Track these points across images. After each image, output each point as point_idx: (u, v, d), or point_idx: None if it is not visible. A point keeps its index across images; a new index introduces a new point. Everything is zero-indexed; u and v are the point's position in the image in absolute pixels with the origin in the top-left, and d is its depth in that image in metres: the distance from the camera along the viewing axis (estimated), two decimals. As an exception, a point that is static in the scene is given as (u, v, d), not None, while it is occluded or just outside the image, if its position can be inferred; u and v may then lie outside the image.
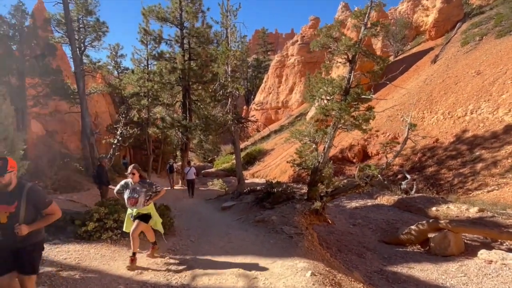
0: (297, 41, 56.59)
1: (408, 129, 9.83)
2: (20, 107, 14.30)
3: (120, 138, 22.42)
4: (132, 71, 26.77)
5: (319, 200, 8.75)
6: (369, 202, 14.59)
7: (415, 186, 14.67)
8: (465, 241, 9.02)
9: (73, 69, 22.06)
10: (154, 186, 5.94)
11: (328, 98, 8.82)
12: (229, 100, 16.24)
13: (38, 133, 25.53)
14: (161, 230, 6.55)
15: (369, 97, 8.31)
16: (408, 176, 10.86)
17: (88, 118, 14.95)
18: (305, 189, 20.89)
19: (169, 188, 20.68)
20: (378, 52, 32.47)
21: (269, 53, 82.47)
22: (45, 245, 7.04)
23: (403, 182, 11.28)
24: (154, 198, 5.98)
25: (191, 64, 19.80)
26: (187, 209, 12.88)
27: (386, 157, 9.33)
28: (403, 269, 7.88)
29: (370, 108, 8.64)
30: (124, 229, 6.20)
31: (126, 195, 5.76)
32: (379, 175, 8.94)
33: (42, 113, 15.89)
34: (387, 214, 12.42)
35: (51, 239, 7.55)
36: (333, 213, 12.47)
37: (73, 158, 16.50)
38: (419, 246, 9.26)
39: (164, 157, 32.02)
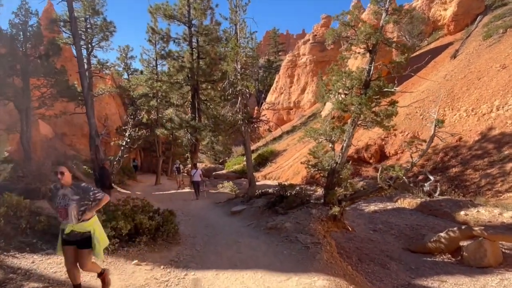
0: (308, 40, 55.58)
1: (435, 125, 8.91)
2: (24, 108, 13.89)
3: (128, 140, 22.00)
4: (141, 72, 26.41)
5: (337, 205, 7.93)
6: (389, 206, 13.64)
7: (438, 188, 13.65)
8: (503, 250, 8.06)
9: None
10: (91, 192, 4.11)
11: (346, 92, 8.01)
12: (239, 99, 15.52)
13: (48, 136, 25.38)
14: (100, 256, 4.30)
15: (392, 90, 7.47)
16: (431, 177, 9.88)
17: (93, 119, 14.43)
18: (319, 191, 20.01)
19: (177, 188, 20.62)
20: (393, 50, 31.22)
21: (280, 53, 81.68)
22: (37, 256, 6.50)
23: (425, 184, 10.32)
24: (93, 208, 4.15)
25: (200, 62, 19.19)
26: (195, 213, 12.19)
27: (411, 157, 8.43)
28: (434, 282, 6.99)
29: (393, 103, 7.77)
30: (57, 252, 4.49)
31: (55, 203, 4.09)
32: (403, 177, 8.07)
33: (47, 114, 15.43)
34: (410, 218, 11.47)
35: (46, 248, 6.96)
36: (350, 218, 11.59)
37: (80, 159, 16.06)
38: (450, 256, 8.34)
39: (174, 159, 31.51)
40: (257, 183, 22.40)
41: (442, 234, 8.33)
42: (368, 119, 8.19)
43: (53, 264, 5.88)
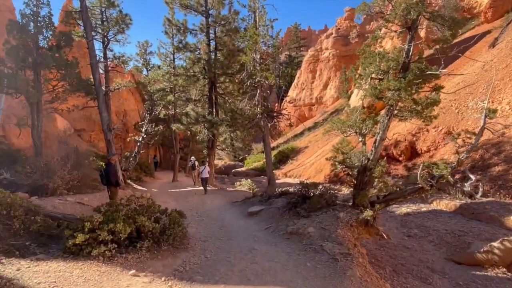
0: (331, 34, 53.83)
1: (485, 116, 7.62)
2: (35, 102, 13.41)
3: (145, 136, 21.42)
4: (158, 67, 25.87)
5: (369, 208, 6.79)
6: (423, 207, 12.30)
7: (481, 189, 12.20)
8: None
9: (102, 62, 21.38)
10: None
11: (380, 77, 6.84)
12: (258, 91, 14.52)
13: (66, 131, 25.27)
14: None
15: (436, 72, 6.25)
16: (471, 176, 8.52)
17: (105, 113, 13.78)
18: (345, 190, 18.77)
19: (193, 184, 20.41)
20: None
21: (301, 49, 79.97)
22: (25, 262, 5.73)
23: (466, 184, 9.02)
24: None
25: (217, 54, 18.29)
26: (209, 213, 11.31)
27: (458, 152, 7.17)
28: (490, 304, 5.77)
29: (437, 88, 6.54)
30: None
31: None
32: (449, 176, 6.83)
33: (60, 108, 14.97)
34: (450, 223, 10.12)
35: (39, 251, 6.23)
36: (380, 221, 10.35)
37: (92, 155, 15.57)
38: (505, 270, 7.02)
39: (193, 156, 30.92)
40: (277, 181, 21.37)
41: (496, 244, 7.04)
42: (406, 108, 6.99)
43: (39, 273, 5.09)
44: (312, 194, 8.24)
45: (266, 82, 14.41)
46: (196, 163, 20.43)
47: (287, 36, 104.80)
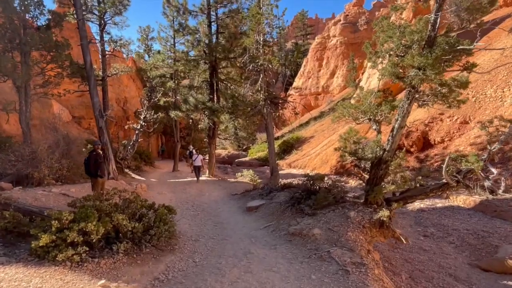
0: (339, 20, 52.18)
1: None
2: (23, 86, 12.52)
3: (144, 123, 20.56)
4: (158, 52, 24.84)
5: (384, 206, 5.83)
6: (439, 203, 11.31)
7: (503, 183, 11.18)
8: None
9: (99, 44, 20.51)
10: None
11: (400, 54, 5.79)
12: (261, 76, 13.47)
13: (64, 119, 24.45)
14: None
15: (470, 47, 5.21)
16: (493, 170, 7.51)
17: (97, 98, 12.89)
18: (352, 183, 17.80)
19: (191, 173, 19.79)
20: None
21: (308, 37, 78.07)
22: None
23: (487, 178, 8.05)
24: None
25: (219, 38, 17.20)
26: (205, 207, 10.44)
27: (489, 144, 6.15)
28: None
29: (470, 66, 5.49)
30: None
31: None
32: (479, 170, 5.84)
33: (51, 93, 14.06)
34: (470, 221, 9.14)
35: (2, 253, 5.40)
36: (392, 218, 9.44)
37: (84, 142, 14.72)
38: (542, 280, 6.06)
39: (195, 145, 30.04)
40: (281, 172, 20.46)
41: (531, 250, 6.06)
42: (429, 91, 5.96)
43: (-9, 282, 4.23)
44: (318, 188, 7.30)
45: (270, 66, 13.34)
46: (194, 151, 19.95)
47: (293, 25, 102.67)
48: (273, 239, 6.26)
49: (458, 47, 5.29)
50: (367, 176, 7.15)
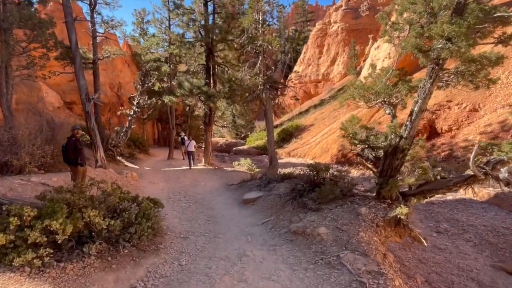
0: (341, 6, 50.76)
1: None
2: (3, 66, 11.58)
3: (137, 109, 19.63)
4: (153, 35, 23.76)
5: (401, 201, 5.05)
6: (449, 195, 10.54)
7: (520, 175, 10.42)
8: None
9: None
10: None
11: (423, 24, 4.91)
12: (260, 58, 12.54)
13: (55, 104, 23.51)
14: None
15: (510, 14, 4.36)
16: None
17: (83, 81, 11.97)
18: (354, 172, 17.05)
19: (182, 160, 20.46)
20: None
21: (308, 23, 76.37)
22: None
23: (502, 170, 7.27)
24: None
25: (215, 18, 16.17)
26: (199, 198, 9.66)
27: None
28: None
29: (506, 39, 4.64)
30: None
31: None
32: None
33: (35, 75, 13.11)
34: (486, 216, 8.40)
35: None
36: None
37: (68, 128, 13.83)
38: None
39: (192, 133, 29.17)
40: (279, 161, 19.66)
41: None
42: (455, 69, 5.12)
43: None
44: (322, 179, 6.50)
45: (270, 47, 12.40)
46: (186, 138, 19.94)
47: (293, 12, 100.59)
48: (272, 237, 5.49)
49: (495, 14, 4.43)
50: (370, 166, 6.41)
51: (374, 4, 48.94)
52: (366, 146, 5.72)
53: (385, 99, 5.71)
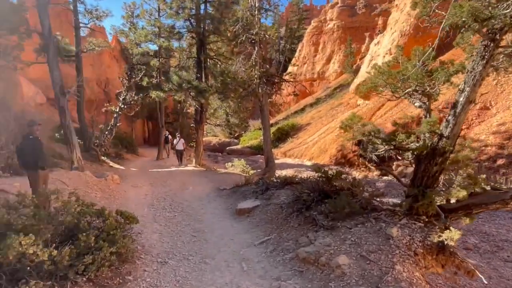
0: (337, 3, 49.76)
1: None
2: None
3: (123, 106, 18.27)
4: (142, 28, 22.39)
5: (442, 220, 3.84)
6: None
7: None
8: None
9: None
10: None
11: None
12: (256, 48, 11.28)
13: (37, 100, 21.98)
14: None
15: None
16: None
17: (57, 72, 10.64)
18: (356, 174, 15.83)
19: (166, 157, 20.58)
20: None
21: (303, 22, 75.26)
22: None
23: None
24: None
25: (207, 7, 14.87)
26: (185, 206, 8.36)
27: None
28: None
29: None
30: None
31: None
32: None
33: (6, 66, 11.75)
34: (519, 228, 7.24)
35: None
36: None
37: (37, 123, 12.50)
38: None
39: (183, 131, 27.80)
40: (275, 161, 18.44)
41: None
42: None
43: None
44: (336, 188, 5.27)
45: (267, 37, 11.14)
46: (170, 136, 20.50)
47: (287, 11, 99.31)
48: (274, 265, 4.23)
49: None
50: (373, 168, 5.23)
51: (370, 2, 48.06)
52: (392, 148, 4.50)
53: (418, 88, 4.51)
